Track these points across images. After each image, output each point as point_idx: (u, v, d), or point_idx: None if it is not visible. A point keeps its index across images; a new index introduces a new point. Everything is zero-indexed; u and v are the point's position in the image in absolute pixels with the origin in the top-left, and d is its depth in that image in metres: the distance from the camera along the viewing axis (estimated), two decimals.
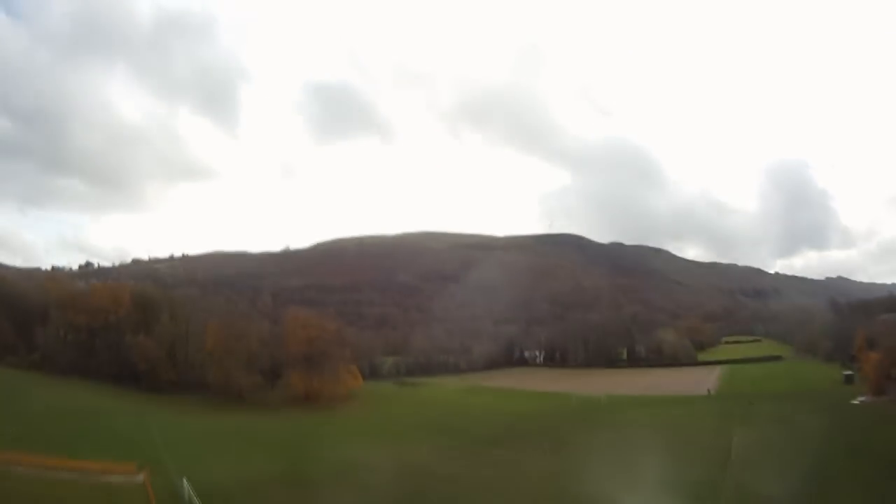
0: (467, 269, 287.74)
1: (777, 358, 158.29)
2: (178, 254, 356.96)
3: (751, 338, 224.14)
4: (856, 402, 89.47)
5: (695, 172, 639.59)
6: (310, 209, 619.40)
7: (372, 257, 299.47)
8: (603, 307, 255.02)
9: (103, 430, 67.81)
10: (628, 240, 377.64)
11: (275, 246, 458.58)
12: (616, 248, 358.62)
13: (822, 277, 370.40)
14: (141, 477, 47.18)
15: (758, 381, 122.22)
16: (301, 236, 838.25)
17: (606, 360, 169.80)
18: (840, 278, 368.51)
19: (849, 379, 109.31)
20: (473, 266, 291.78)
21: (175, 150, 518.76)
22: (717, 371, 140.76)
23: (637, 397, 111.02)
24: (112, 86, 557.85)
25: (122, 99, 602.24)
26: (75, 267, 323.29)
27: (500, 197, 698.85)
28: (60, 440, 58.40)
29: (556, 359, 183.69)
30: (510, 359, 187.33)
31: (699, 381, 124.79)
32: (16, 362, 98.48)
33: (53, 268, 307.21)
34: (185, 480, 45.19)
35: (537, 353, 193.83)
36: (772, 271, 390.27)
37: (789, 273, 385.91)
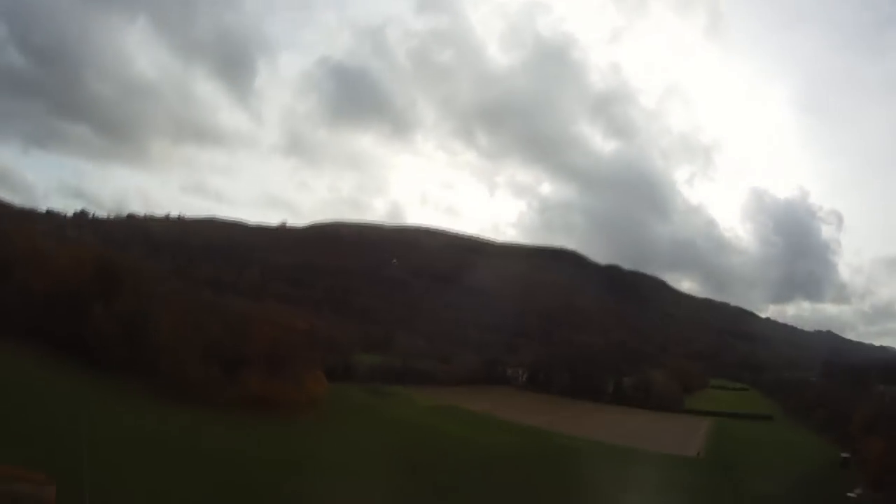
0: (460, 271, 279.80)
1: (768, 417, 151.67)
2: (174, 214, 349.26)
3: (738, 385, 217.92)
4: (852, 494, 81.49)
5: (701, 205, 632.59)
6: (311, 189, 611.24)
7: (366, 246, 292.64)
8: (592, 330, 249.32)
9: (26, 417, 61.11)
10: (626, 264, 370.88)
11: (271, 220, 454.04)
12: (613, 270, 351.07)
13: (812, 329, 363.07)
14: (49, 491, 42.21)
15: (748, 447, 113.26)
16: (299, 214, 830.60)
17: (592, 390, 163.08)
18: (830, 333, 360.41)
19: (845, 463, 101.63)
20: (466, 269, 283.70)
21: (186, 111, 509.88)
22: (704, 426, 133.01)
23: (621, 449, 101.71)
24: (132, 36, 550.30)
25: (139, 51, 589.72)
26: (70, 213, 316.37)
27: (501, 202, 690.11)
28: None
29: (540, 381, 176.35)
30: (492, 375, 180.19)
31: (686, 435, 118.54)
32: None
33: (49, 211, 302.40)
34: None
35: (520, 373, 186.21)
36: (763, 315, 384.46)
37: (780, 320, 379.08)
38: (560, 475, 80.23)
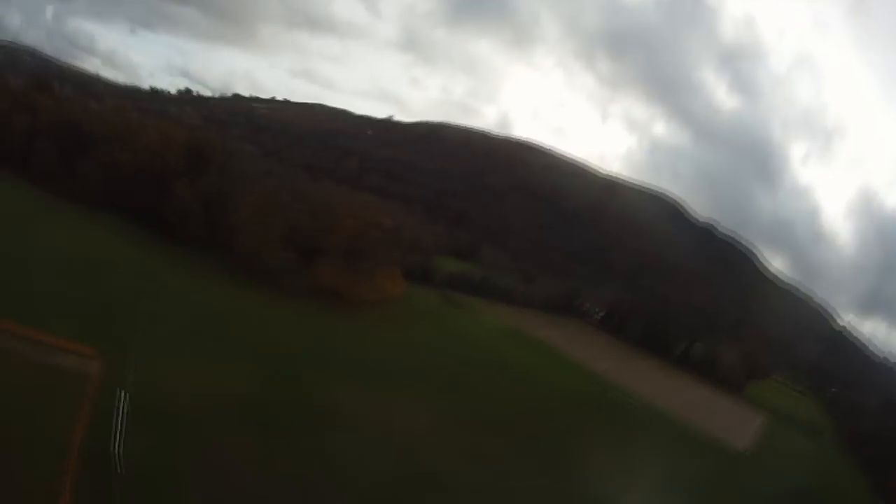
0: (558, 194, 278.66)
1: (819, 433, 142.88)
2: (279, 97, 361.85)
3: (800, 386, 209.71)
4: None
5: (809, 188, 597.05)
6: (422, 87, 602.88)
7: (469, 151, 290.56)
8: (675, 285, 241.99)
9: (95, 288, 63.66)
10: (723, 225, 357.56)
11: (378, 113, 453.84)
12: (709, 230, 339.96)
13: (881, 354, 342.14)
14: (92, 367, 44.24)
15: (792, 461, 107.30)
16: (406, 111, 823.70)
17: (660, 347, 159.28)
18: None
19: None
20: (565, 193, 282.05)
21: None
22: (758, 421, 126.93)
23: (674, 421, 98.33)
24: None
25: None
26: (174, 91, 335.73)
27: (611, 133, 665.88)
28: (45, 294, 55.23)
29: (613, 323, 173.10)
30: (568, 306, 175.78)
31: (739, 425, 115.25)
32: (54, 189, 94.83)
33: (153, 89, 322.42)
34: (123, 394, 42.67)
35: (596, 310, 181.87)
36: (841, 322, 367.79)
37: (854, 332, 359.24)
38: (613, 435, 79.03)
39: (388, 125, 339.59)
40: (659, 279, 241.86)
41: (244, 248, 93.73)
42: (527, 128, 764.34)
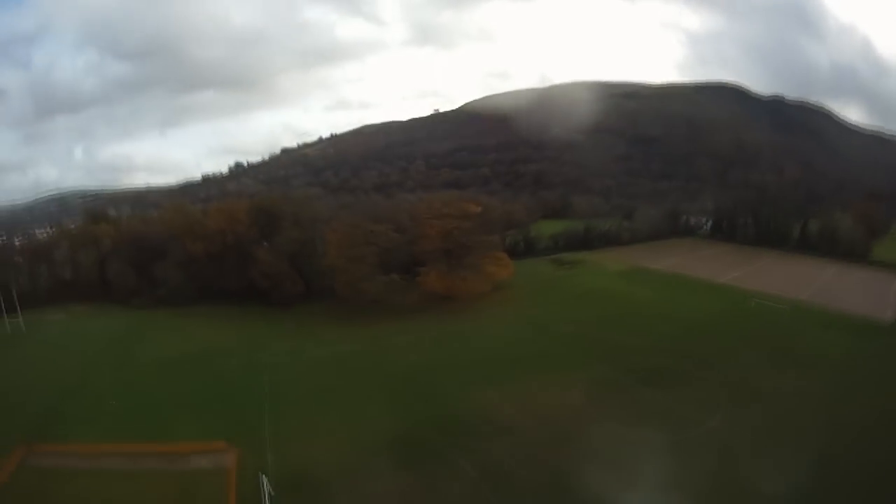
0: (622, 120, 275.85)
1: None
2: (326, 135, 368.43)
3: None
4: None
5: (856, 26, 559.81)
6: (453, 72, 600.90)
7: (523, 113, 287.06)
8: (765, 167, 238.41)
9: (209, 384, 67.29)
10: (789, 94, 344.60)
11: (422, 111, 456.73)
12: (776, 102, 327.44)
13: None
14: (228, 459, 46.22)
15: None
16: (449, 100, 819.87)
17: (777, 237, 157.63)
18: None
19: None
20: (628, 117, 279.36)
21: (300, 38, 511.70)
22: None
23: (820, 312, 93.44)
24: None
25: (233, 5, 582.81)
26: (225, 170, 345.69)
27: (650, 42, 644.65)
28: (160, 409, 58.47)
29: (724, 229, 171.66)
30: (675, 227, 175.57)
31: (881, 294, 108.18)
32: (142, 303, 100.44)
33: (204, 177, 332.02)
34: (262, 477, 43.02)
35: (704, 222, 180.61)
36: None
37: None
38: (769, 353, 74.57)
39: (436, 119, 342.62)
40: (747, 167, 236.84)
41: (344, 288, 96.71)
42: (569, 70, 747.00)
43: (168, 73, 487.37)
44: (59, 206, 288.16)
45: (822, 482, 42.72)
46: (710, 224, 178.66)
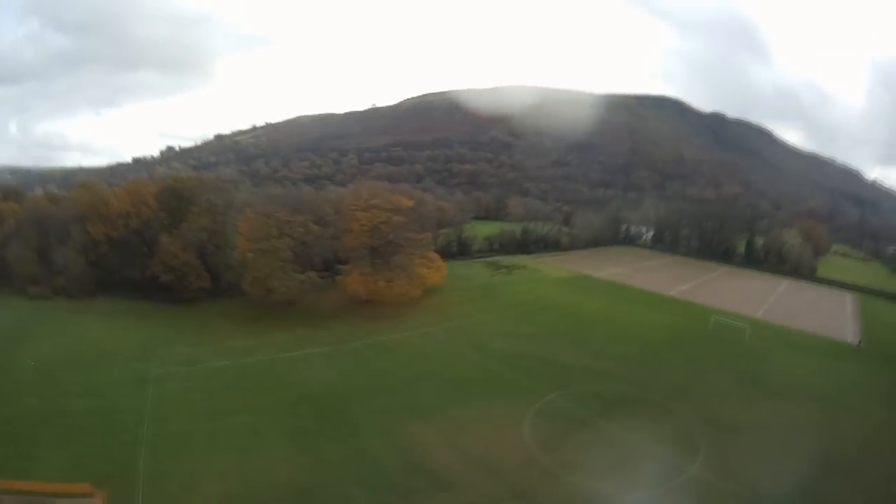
0: (562, 125, 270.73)
1: None
2: (260, 123, 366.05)
3: (861, 254, 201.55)
4: None
5: (802, 54, 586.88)
6: (394, 67, 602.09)
7: (462, 112, 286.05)
8: (704, 182, 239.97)
9: (85, 397, 50.74)
10: (730, 112, 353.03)
11: (360, 105, 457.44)
12: (717, 119, 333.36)
13: None
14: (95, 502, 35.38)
15: None
16: (388, 95, 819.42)
17: (722, 251, 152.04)
18: None
19: None
20: (569, 123, 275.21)
21: (241, 21, 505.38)
22: (850, 302, 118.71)
23: (781, 332, 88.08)
24: None
25: None
26: (157, 154, 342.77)
27: (598, 51, 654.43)
28: (21, 433, 43.01)
29: (666, 240, 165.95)
30: (616, 235, 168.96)
31: (835, 314, 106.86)
32: (39, 293, 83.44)
33: (135, 159, 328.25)
34: None
35: (645, 232, 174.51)
36: (870, 177, 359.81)
37: (886, 184, 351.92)
38: (736, 370, 68.00)
39: (373, 114, 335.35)
40: (685, 181, 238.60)
41: (252, 285, 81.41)
42: (511, 73, 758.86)
43: (108, 49, 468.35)
44: None
45: None
46: (651, 234, 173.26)
